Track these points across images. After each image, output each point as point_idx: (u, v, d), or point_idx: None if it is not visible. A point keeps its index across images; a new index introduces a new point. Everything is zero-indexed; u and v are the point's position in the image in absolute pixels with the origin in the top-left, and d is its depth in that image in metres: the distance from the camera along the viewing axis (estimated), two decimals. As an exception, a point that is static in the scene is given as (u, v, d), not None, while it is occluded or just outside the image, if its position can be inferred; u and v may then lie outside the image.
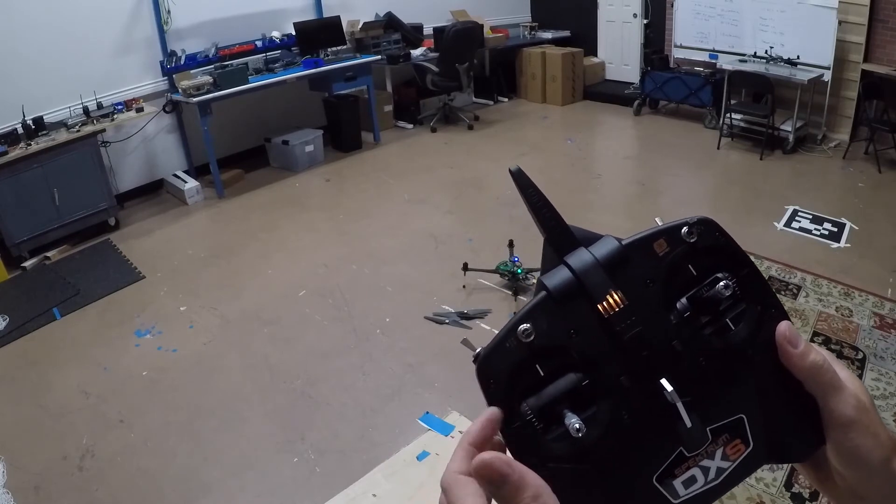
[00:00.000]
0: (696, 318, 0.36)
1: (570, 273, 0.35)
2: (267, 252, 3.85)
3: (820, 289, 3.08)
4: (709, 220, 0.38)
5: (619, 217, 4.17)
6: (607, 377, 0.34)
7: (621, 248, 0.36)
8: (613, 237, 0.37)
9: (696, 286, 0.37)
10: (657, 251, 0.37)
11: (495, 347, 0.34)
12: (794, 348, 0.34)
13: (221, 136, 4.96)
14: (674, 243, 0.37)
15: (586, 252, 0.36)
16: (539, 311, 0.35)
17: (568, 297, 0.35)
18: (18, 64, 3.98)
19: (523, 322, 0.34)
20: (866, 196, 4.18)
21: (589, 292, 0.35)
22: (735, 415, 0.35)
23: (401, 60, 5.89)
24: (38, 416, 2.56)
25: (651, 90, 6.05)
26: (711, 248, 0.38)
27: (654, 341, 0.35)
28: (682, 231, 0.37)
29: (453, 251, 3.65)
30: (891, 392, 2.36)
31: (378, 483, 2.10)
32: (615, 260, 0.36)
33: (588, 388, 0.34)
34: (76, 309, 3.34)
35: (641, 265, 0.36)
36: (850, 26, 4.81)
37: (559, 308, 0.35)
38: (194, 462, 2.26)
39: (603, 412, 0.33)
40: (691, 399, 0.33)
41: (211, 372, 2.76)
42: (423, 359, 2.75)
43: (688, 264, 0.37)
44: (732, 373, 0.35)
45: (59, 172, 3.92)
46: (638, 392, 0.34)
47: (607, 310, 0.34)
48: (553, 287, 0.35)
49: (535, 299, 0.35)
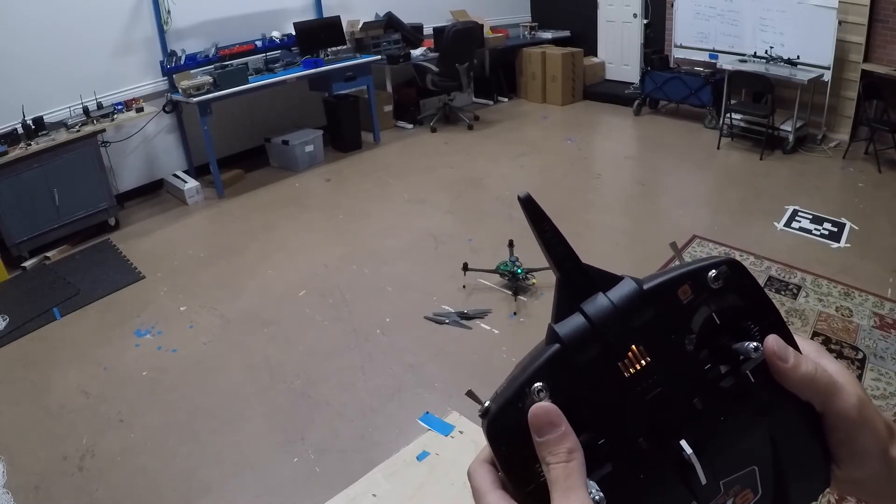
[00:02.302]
0: (716, 371, 0.34)
1: (586, 322, 0.33)
2: (267, 252, 3.85)
3: (820, 289, 3.08)
4: (736, 263, 0.35)
5: (619, 217, 4.17)
6: (625, 439, 0.32)
7: (642, 294, 0.34)
8: (633, 280, 0.34)
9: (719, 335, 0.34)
10: (681, 298, 0.34)
11: (506, 407, 0.32)
12: (784, 363, 0.34)
13: (221, 136, 4.96)
14: (699, 290, 0.34)
15: (604, 298, 0.33)
16: (552, 367, 0.32)
17: (583, 350, 0.32)
18: (18, 64, 3.98)
19: (535, 379, 0.32)
20: (866, 196, 4.18)
21: (608, 347, 0.32)
22: (748, 467, 0.34)
23: (401, 60, 5.89)
24: (38, 416, 2.56)
25: (651, 90, 6.05)
26: (737, 294, 0.35)
27: (675, 400, 0.33)
28: (708, 276, 0.34)
29: (453, 251, 3.65)
30: (891, 392, 2.36)
31: (378, 483, 2.10)
32: (635, 307, 0.33)
33: (604, 447, 0.32)
34: (76, 309, 3.34)
35: (663, 314, 0.33)
36: (850, 26, 4.81)
37: (573, 363, 0.32)
38: (194, 462, 2.26)
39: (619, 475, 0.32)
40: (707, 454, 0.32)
41: (211, 372, 2.76)
42: (423, 359, 2.75)
43: (712, 313, 0.34)
44: (749, 426, 0.34)
45: (59, 172, 3.92)
46: (655, 451, 0.32)
47: (627, 368, 0.32)
48: (567, 339, 0.33)
49: (548, 352, 0.33)
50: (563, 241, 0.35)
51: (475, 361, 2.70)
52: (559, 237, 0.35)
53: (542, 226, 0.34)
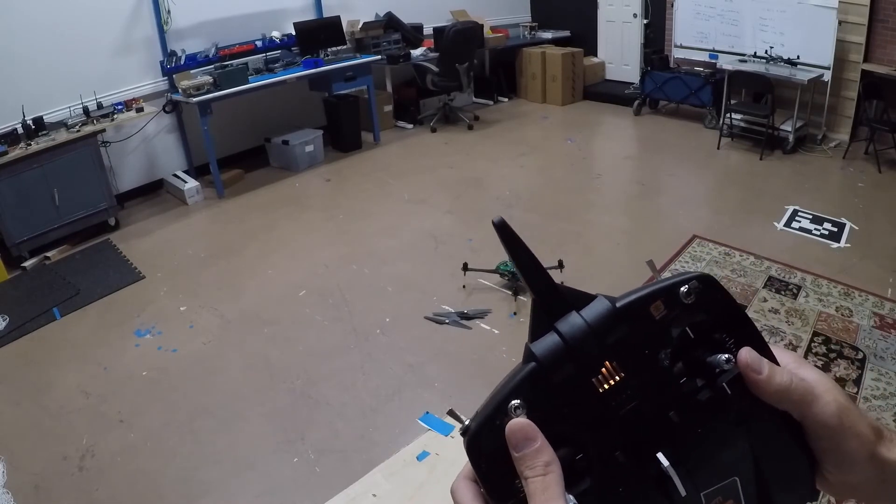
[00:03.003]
0: (692, 384, 0.34)
1: (560, 340, 0.34)
2: (267, 252, 3.85)
3: (820, 289, 3.08)
4: (708, 278, 0.36)
5: (620, 217, 4.18)
6: (602, 452, 0.33)
7: (615, 312, 0.34)
8: (606, 298, 0.35)
9: (693, 348, 0.35)
10: (653, 314, 0.35)
11: (484, 425, 0.33)
12: (758, 374, 0.34)
13: (221, 136, 4.96)
14: (671, 305, 0.35)
15: (577, 317, 0.34)
16: (528, 385, 0.33)
17: (558, 368, 0.33)
18: (18, 64, 3.98)
19: (512, 397, 0.33)
20: (866, 196, 4.18)
21: (582, 364, 0.33)
22: (729, 478, 0.34)
23: (401, 60, 5.89)
24: (38, 416, 2.56)
25: (651, 90, 6.05)
26: (709, 308, 0.36)
27: (651, 414, 0.33)
28: (680, 291, 0.35)
29: (453, 251, 3.65)
30: (891, 392, 2.36)
31: (378, 483, 2.10)
32: (608, 325, 0.34)
33: (582, 462, 0.33)
34: (76, 309, 3.34)
35: (636, 330, 0.34)
36: (850, 26, 4.81)
37: (549, 380, 0.33)
38: (194, 462, 2.26)
39: (598, 489, 0.32)
40: (686, 466, 0.33)
41: (211, 372, 2.76)
42: (423, 359, 2.75)
43: (685, 327, 0.35)
44: (728, 437, 0.34)
45: (59, 172, 3.92)
46: (633, 464, 0.33)
47: (601, 383, 0.33)
48: (542, 357, 0.33)
49: (523, 371, 0.34)
50: (536, 264, 0.35)
51: (475, 361, 2.70)
52: (533, 260, 0.35)
53: (516, 250, 0.35)
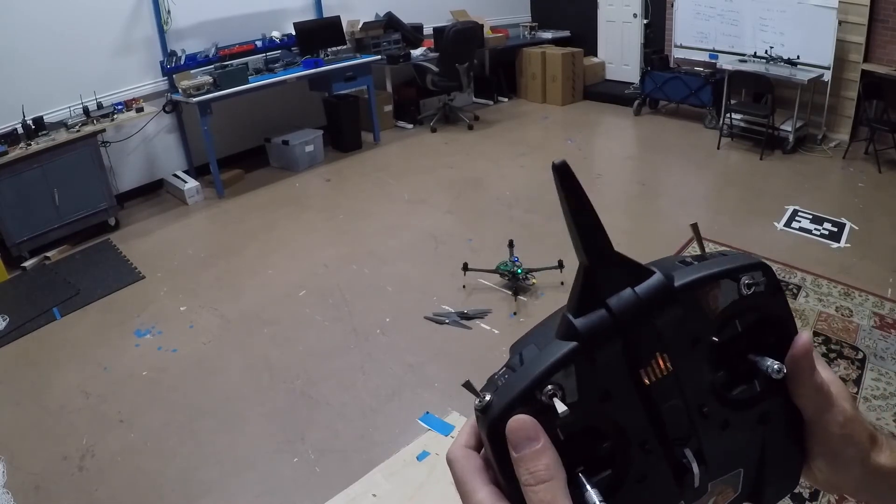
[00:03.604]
0: (727, 377, 0.33)
1: (610, 320, 0.30)
2: (267, 252, 3.85)
3: (820, 289, 3.08)
4: (769, 270, 0.33)
5: (620, 217, 4.17)
6: (632, 445, 0.31)
7: (672, 293, 0.31)
8: (662, 274, 0.31)
9: (738, 342, 0.34)
10: (710, 301, 0.32)
11: (511, 408, 0.29)
12: (809, 365, 0.34)
13: (221, 136, 4.96)
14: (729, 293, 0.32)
15: (632, 294, 0.30)
16: (567, 365, 0.29)
17: (604, 351, 0.30)
18: (18, 64, 3.98)
19: (548, 378, 0.29)
20: (866, 196, 4.18)
21: (632, 352, 0.30)
22: (735, 468, 0.34)
23: (401, 60, 5.89)
24: (38, 416, 2.56)
25: (651, 90, 6.05)
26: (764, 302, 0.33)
27: (690, 409, 0.32)
28: (742, 280, 0.32)
29: (453, 251, 3.65)
30: (891, 392, 2.36)
31: (378, 483, 2.10)
32: (664, 307, 0.30)
33: (605, 450, 0.31)
34: (76, 309, 3.34)
35: (690, 318, 0.31)
36: (850, 26, 4.81)
37: (590, 362, 0.30)
38: (194, 462, 2.26)
39: (620, 479, 0.31)
40: (702, 456, 0.32)
41: (211, 372, 2.76)
42: (423, 359, 2.75)
43: (736, 320, 0.33)
44: (747, 432, 0.34)
45: (59, 172, 3.91)
46: (658, 455, 0.32)
47: (649, 375, 0.30)
48: (588, 334, 0.29)
49: (563, 349, 0.30)
50: (597, 223, 0.30)
51: (475, 361, 2.70)
52: (594, 217, 0.30)
53: (577, 202, 0.30)
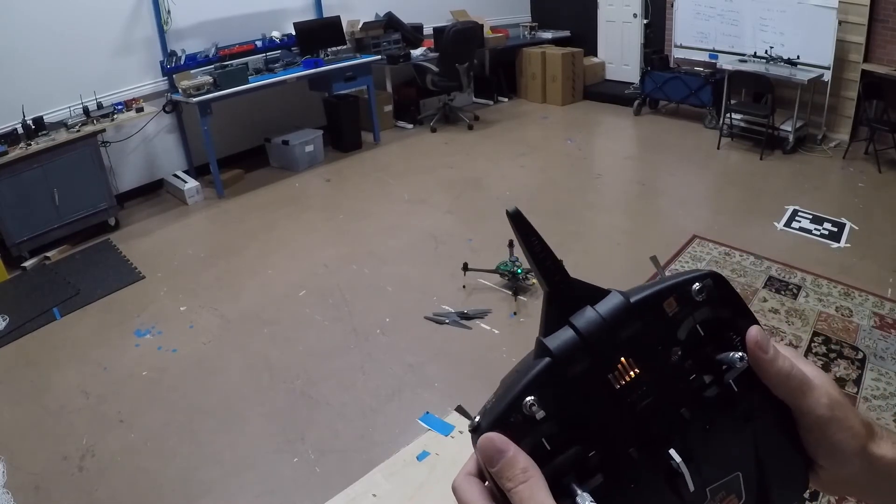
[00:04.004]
0: (700, 380, 0.35)
1: (575, 335, 0.33)
2: (267, 252, 3.85)
3: (820, 289, 3.08)
4: (718, 276, 0.36)
5: (619, 217, 4.18)
6: (616, 449, 0.33)
7: (629, 307, 0.34)
8: (620, 293, 0.35)
9: (702, 345, 0.35)
10: (667, 310, 0.35)
11: (497, 423, 0.32)
12: (763, 353, 0.35)
13: (221, 136, 4.96)
14: (683, 302, 0.35)
15: (592, 311, 0.34)
16: (543, 380, 0.32)
17: (574, 363, 0.33)
18: (18, 64, 3.98)
19: (527, 394, 0.32)
20: (866, 196, 4.18)
21: (597, 360, 0.33)
22: (732, 473, 0.35)
23: (401, 60, 5.89)
24: (38, 416, 2.56)
25: (651, 90, 6.05)
26: (719, 306, 0.36)
27: (664, 410, 0.34)
28: (692, 288, 0.35)
29: (453, 251, 3.65)
30: (891, 392, 2.36)
31: (378, 483, 2.10)
32: (623, 319, 0.34)
33: (594, 459, 0.33)
34: (76, 309, 3.34)
35: (650, 326, 0.34)
36: (850, 26, 4.81)
37: (564, 376, 0.33)
38: (194, 462, 2.26)
39: (611, 485, 0.32)
40: (694, 462, 0.33)
41: (211, 372, 2.76)
42: (423, 359, 2.75)
43: (695, 324, 0.35)
44: (733, 433, 0.35)
45: (59, 172, 3.92)
46: (645, 460, 0.33)
47: (618, 379, 0.33)
48: (558, 351, 0.33)
49: (538, 366, 0.33)
50: (551, 256, 0.35)
51: (475, 361, 2.70)
52: (547, 251, 0.35)
53: (530, 240, 0.34)
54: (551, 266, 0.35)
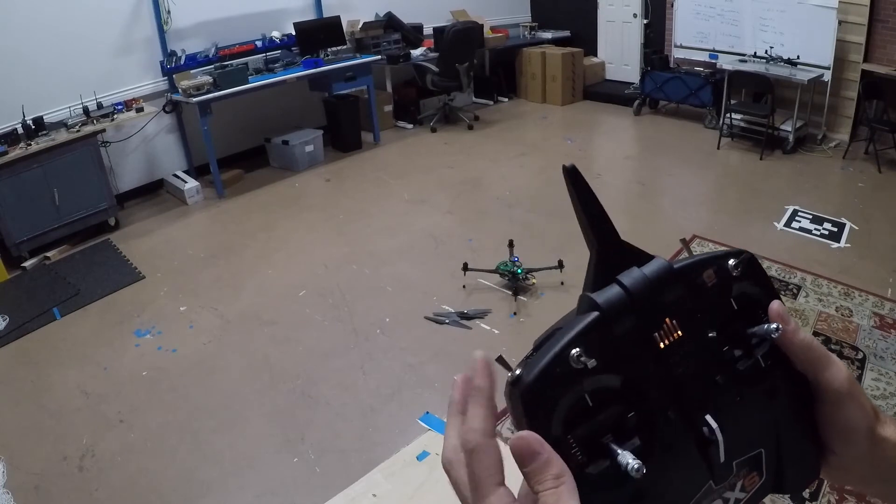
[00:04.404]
0: (732, 353, 0.35)
1: (623, 292, 0.33)
2: (267, 252, 3.85)
3: (820, 289, 3.08)
4: (751, 256, 0.38)
5: (619, 217, 4.15)
6: (655, 411, 0.33)
7: (673, 272, 0.35)
8: (663, 259, 0.35)
9: (735, 319, 0.36)
10: (706, 280, 0.36)
11: (543, 373, 0.31)
12: (786, 325, 0.36)
13: (221, 136, 4.96)
14: (721, 275, 0.36)
15: (639, 271, 0.34)
16: (590, 334, 0.32)
17: (620, 319, 0.33)
18: (18, 64, 3.98)
19: (574, 346, 0.31)
20: (866, 196, 4.18)
21: (644, 317, 0.33)
22: (756, 449, 0.35)
23: (401, 60, 5.89)
24: (38, 416, 2.56)
25: (651, 90, 6.05)
26: (751, 282, 0.37)
27: (703, 375, 0.34)
28: (729, 263, 0.37)
29: (453, 251, 3.65)
30: (891, 392, 2.36)
31: (378, 483, 2.10)
32: (668, 282, 0.34)
33: (633, 420, 0.32)
34: (76, 309, 3.34)
35: (690, 292, 0.35)
36: (850, 26, 4.81)
37: (610, 332, 0.32)
38: (194, 462, 2.26)
39: (649, 447, 0.32)
40: (725, 433, 0.33)
41: (211, 372, 2.76)
42: (423, 359, 2.75)
43: (731, 300, 0.36)
44: (760, 408, 0.35)
45: (59, 172, 3.91)
46: (682, 425, 0.33)
47: (662, 339, 0.33)
48: (606, 305, 0.33)
49: (587, 319, 0.32)
50: (604, 215, 0.36)
51: (475, 361, 2.70)
52: (601, 210, 0.36)
53: (585, 198, 0.35)
54: (604, 226, 0.36)
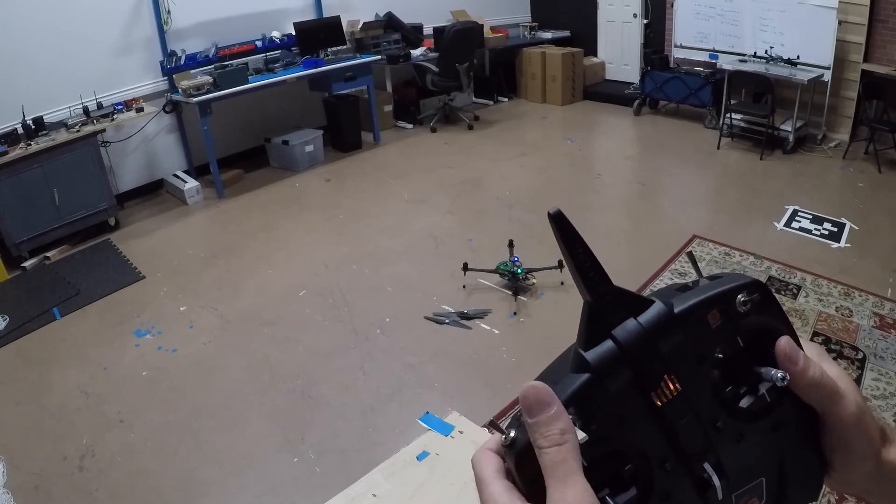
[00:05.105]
0: (735, 390, 0.35)
1: (617, 350, 0.32)
2: (267, 252, 3.85)
3: (820, 289, 3.08)
4: (764, 287, 0.35)
5: (620, 217, 4.17)
6: (653, 465, 0.32)
7: (672, 318, 0.33)
8: (662, 302, 0.33)
9: (740, 355, 0.35)
10: (710, 322, 0.34)
11: None
12: (793, 366, 0.34)
13: (221, 136, 4.96)
14: (727, 315, 0.34)
15: (635, 324, 0.33)
16: (583, 396, 0.31)
17: (614, 379, 0.32)
18: (18, 64, 3.98)
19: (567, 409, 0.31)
20: (866, 196, 4.18)
21: (640, 376, 0.32)
22: (757, 479, 0.35)
23: (401, 60, 5.89)
24: (38, 416, 2.56)
25: (651, 90, 6.05)
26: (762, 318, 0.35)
27: (704, 425, 0.33)
28: (738, 299, 0.34)
29: (453, 251, 3.65)
30: (891, 392, 2.36)
31: (378, 483, 2.10)
32: (665, 332, 0.33)
33: (629, 471, 0.32)
34: (76, 309, 3.34)
35: (693, 339, 0.33)
36: (850, 26, 4.81)
37: (605, 390, 0.32)
38: (194, 462, 2.26)
39: (646, 498, 0.32)
40: (724, 472, 0.33)
41: (211, 372, 2.76)
42: (423, 359, 2.75)
43: (737, 337, 0.35)
44: (763, 442, 0.35)
45: (59, 172, 3.91)
46: (679, 472, 0.33)
47: (660, 397, 0.32)
48: (598, 365, 0.32)
49: (578, 381, 0.32)
50: (595, 263, 0.33)
51: (475, 361, 2.70)
52: (592, 258, 0.33)
53: (574, 246, 0.32)
54: (595, 276, 0.33)
